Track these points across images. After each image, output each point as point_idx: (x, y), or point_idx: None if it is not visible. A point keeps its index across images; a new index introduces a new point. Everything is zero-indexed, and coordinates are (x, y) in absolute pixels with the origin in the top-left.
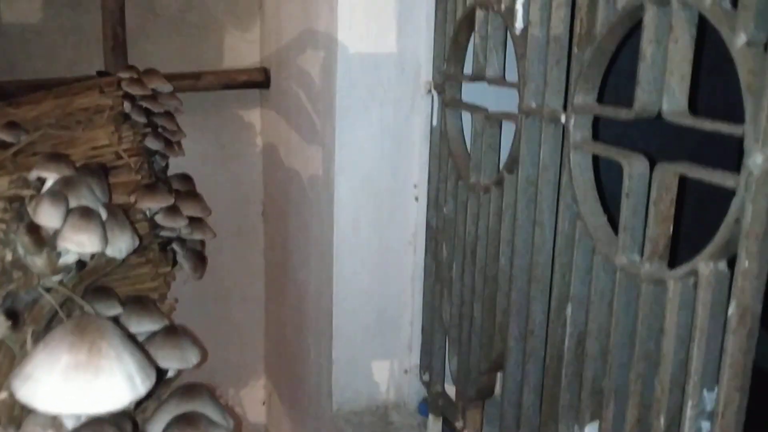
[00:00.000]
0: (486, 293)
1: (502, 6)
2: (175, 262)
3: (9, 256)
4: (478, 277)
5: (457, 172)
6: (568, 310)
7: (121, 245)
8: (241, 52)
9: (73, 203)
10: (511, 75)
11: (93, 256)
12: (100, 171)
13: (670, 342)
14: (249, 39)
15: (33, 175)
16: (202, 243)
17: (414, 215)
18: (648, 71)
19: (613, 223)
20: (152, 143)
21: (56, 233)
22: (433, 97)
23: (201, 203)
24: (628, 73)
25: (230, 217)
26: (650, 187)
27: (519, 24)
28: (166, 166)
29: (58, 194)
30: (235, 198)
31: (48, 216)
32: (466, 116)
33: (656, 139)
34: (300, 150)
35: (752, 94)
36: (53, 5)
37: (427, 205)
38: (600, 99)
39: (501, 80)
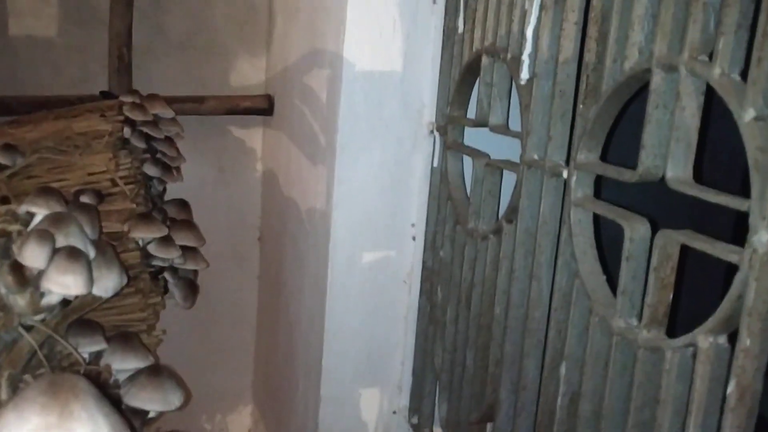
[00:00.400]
0: (479, 341)
1: (509, 55)
2: (166, 290)
3: None
4: (472, 324)
5: (455, 215)
6: (562, 368)
7: (108, 284)
8: (247, 77)
9: (61, 241)
10: (515, 124)
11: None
12: (91, 206)
13: (666, 413)
14: (255, 65)
15: (22, 209)
16: (195, 272)
17: (410, 254)
18: (653, 135)
19: (612, 282)
20: (150, 169)
21: (40, 273)
22: (435, 138)
23: (195, 233)
24: (635, 127)
25: (226, 241)
26: (651, 251)
27: (524, 75)
28: (164, 190)
29: (45, 233)
30: (232, 222)
31: (33, 256)
32: (468, 159)
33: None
34: (299, 180)
35: (759, 171)
36: (61, 22)
37: (424, 246)
38: (605, 152)
39: (504, 128)
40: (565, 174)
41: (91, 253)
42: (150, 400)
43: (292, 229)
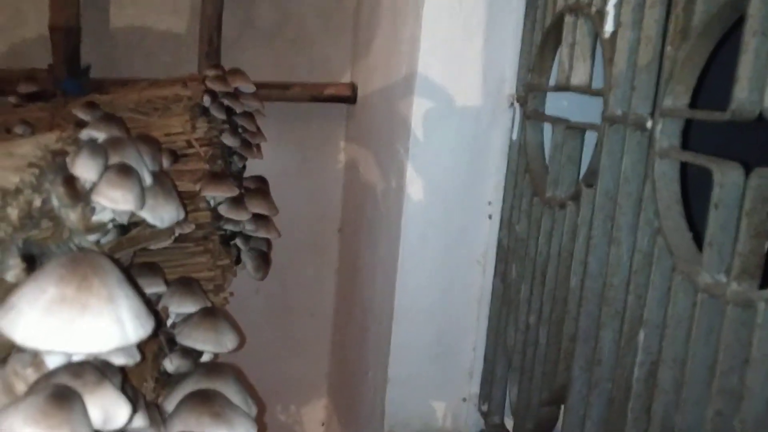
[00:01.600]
0: (553, 318)
1: (593, 9)
2: (238, 260)
3: (38, 202)
4: (546, 299)
5: (533, 188)
6: (641, 336)
7: (163, 214)
8: (333, 67)
9: (115, 161)
10: (597, 86)
11: (133, 223)
12: (153, 139)
13: (757, 375)
14: (342, 55)
15: (84, 134)
16: (269, 245)
17: (486, 234)
18: (749, 66)
19: (698, 240)
20: (229, 140)
21: (92, 188)
22: (515, 110)
23: (268, 201)
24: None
25: (307, 232)
26: (744, 197)
27: (609, 27)
28: (243, 167)
29: (98, 147)
30: (313, 213)
31: (84, 167)
32: (548, 134)
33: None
34: (377, 163)
35: None
36: (158, 11)
37: (500, 224)
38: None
39: (586, 88)
40: (649, 124)
41: (148, 179)
42: (202, 340)
43: (369, 214)
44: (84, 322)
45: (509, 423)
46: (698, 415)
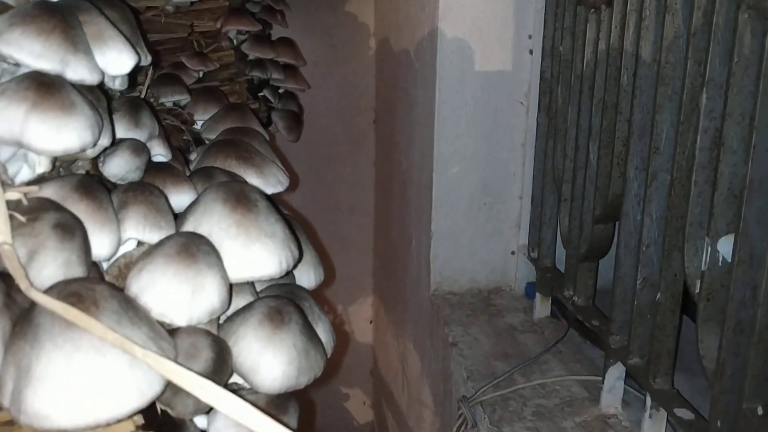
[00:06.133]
0: (604, 126)
1: None
2: (269, 122)
3: None
4: (596, 111)
5: None
6: (703, 100)
7: None
8: None
9: None
10: None
11: None
12: None
13: None
14: None
15: None
16: (300, 108)
17: (528, 70)
18: None
19: None
20: None
21: None
22: None
23: (295, 51)
24: None
25: (341, 125)
26: None
27: None
28: (269, 36)
29: None
30: (346, 105)
31: None
32: None
33: None
34: (407, 21)
35: None
36: None
37: (542, 55)
38: None
39: None
40: None
41: None
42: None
43: (402, 77)
44: None
45: (560, 267)
46: None
